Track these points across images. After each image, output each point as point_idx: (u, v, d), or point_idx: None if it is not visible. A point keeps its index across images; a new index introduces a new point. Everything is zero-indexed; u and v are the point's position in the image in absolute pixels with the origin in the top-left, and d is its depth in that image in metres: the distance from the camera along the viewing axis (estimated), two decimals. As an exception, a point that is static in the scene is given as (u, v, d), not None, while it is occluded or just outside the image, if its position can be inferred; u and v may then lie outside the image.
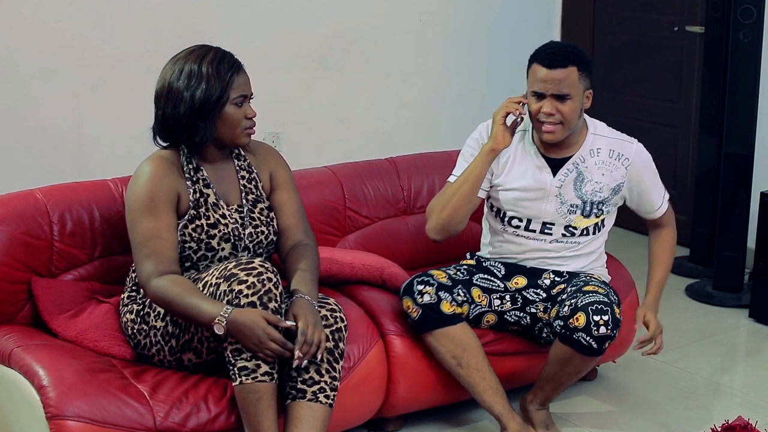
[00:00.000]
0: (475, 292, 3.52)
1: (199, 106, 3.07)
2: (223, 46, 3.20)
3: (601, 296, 3.30)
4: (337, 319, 3.11)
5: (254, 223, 3.24)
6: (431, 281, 3.40)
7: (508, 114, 3.43)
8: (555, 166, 3.52)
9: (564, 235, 3.55)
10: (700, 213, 5.33)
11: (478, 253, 3.74)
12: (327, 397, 3.04)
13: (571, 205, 3.51)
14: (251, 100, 3.20)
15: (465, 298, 3.46)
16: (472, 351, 3.41)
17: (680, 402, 3.88)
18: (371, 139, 5.59)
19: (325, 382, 3.04)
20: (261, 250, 3.26)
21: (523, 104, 3.44)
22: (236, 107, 3.12)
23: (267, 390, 2.93)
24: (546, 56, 3.38)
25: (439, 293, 3.38)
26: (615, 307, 3.29)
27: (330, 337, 3.07)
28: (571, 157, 3.51)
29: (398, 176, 4.10)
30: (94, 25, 4.69)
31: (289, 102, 5.32)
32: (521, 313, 3.57)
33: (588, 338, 3.26)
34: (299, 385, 3.03)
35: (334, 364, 3.07)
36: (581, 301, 3.29)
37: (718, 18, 5.03)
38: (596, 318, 3.24)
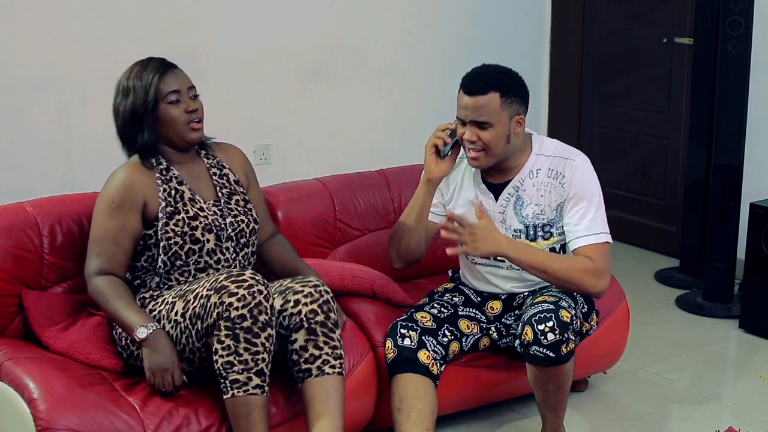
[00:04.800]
0: (463, 324, 3.49)
1: (130, 116, 3.19)
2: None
3: (547, 304, 3.23)
4: (322, 292, 3.12)
5: (233, 213, 3.29)
6: (415, 327, 3.37)
7: (436, 145, 3.41)
8: (497, 191, 3.45)
9: None
10: (689, 224, 5.34)
11: (460, 271, 3.72)
12: (332, 367, 3.05)
13: (514, 230, 3.43)
14: (196, 96, 3.26)
15: (453, 336, 3.43)
16: (421, 407, 3.24)
17: (670, 413, 3.88)
18: (361, 151, 5.60)
19: (326, 353, 3.05)
20: (244, 239, 3.30)
21: (450, 131, 3.39)
22: (172, 105, 3.20)
23: (258, 403, 2.93)
24: (467, 82, 3.31)
25: (422, 337, 3.34)
26: (562, 311, 3.19)
27: (319, 309, 3.08)
28: (510, 181, 3.44)
29: (388, 188, 4.10)
30: (83, 38, 4.69)
31: (279, 114, 5.33)
32: (507, 339, 3.53)
33: (541, 349, 3.18)
34: (303, 366, 3.05)
35: (330, 335, 3.08)
36: (526, 316, 3.24)
37: (707, 30, 5.04)
38: (540, 327, 3.17)
